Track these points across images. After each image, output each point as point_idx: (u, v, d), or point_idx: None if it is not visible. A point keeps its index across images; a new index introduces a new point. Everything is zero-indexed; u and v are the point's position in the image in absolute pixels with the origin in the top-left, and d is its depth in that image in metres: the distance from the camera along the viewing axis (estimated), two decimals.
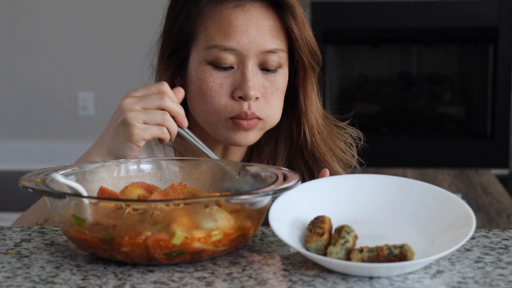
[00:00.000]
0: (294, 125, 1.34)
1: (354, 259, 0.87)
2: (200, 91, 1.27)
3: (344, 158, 1.36)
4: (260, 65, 1.26)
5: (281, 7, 1.26)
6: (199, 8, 1.27)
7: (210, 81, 1.26)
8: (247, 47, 1.24)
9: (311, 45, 1.30)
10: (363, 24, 4.41)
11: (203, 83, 1.26)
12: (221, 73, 1.26)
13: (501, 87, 4.45)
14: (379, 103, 4.76)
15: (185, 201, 0.91)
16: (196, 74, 1.27)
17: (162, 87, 1.18)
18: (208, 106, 1.27)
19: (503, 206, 3.06)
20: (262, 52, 1.25)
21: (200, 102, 1.27)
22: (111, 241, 0.90)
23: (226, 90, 1.25)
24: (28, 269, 0.91)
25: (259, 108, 1.26)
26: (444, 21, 4.41)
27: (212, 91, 1.25)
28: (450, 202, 0.99)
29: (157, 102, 1.16)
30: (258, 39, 1.25)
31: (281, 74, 1.28)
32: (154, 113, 1.16)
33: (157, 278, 0.88)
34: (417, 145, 4.55)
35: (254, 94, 1.24)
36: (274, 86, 1.27)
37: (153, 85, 1.19)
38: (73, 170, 1.04)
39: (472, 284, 0.86)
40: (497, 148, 4.49)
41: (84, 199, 0.91)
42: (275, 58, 1.26)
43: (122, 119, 1.15)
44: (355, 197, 1.02)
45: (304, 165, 1.34)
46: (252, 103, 1.25)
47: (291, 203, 0.98)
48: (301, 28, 1.28)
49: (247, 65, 1.25)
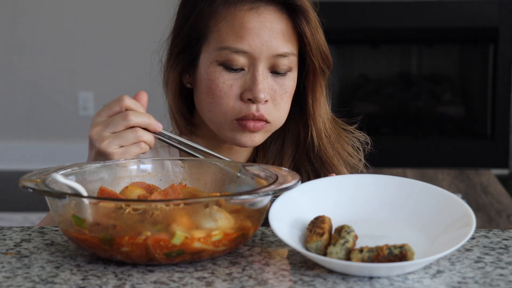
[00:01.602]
0: (301, 127, 1.34)
1: (354, 259, 0.87)
2: (209, 91, 1.27)
3: (351, 162, 1.36)
4: (270, 68, 1.26)
5: (294, 11, 1.26)
6: (212, 8, 1.27)
7: (220, 82, 1.25)
8: (259, 50, 1.24)
9: (323, 49, 1.30)
10: (363, 24, 4.41)
11: (212, 83, 1.26)
12: (231, 74, 1.25)
13: (501, 87, 4.45)
14: (379, 103, 4.75)
15: (185, 201, 0.91)
16: (206, 74, 1.27)
17: (123, 103, 1.13)
18: (216, 106, 1.26)
19: (503, 206, 3.06)
20: (273, 55, 1.25)
21: (208, 102, 1.27)
22: (111, 241, 0.90)
23: (235, 92, 1.25)
24: (28, 269, 0.91)
25: (267, 111, 1.26)
26: (444, 21, 4.41)
27: (222, 92, 1.25)
28: (450, 202, 0.99)
29: (123, 123, 1.12)
30: (270, 42, 1.25)
31: (291, 77, 1.28)
32: (125, 134, 1.12)
33: (157, 278, 0.88)
34: (417, 145, 4.55)
35: (263, 97, 1.24)
36: (283, 89, 1.27)
37: (114, 103, 1.14)
38: (73, 170, 1.04)
39: (472, 284, 0.86)
40: (497, 148, 4.49)
41: (84, 199, 0.91)
42: (285, 61, 1.26)
43: (97, 151, 1.12)
44: (355, 197, 1.02)
45: (310, 168, 1.34)
46: (261, 105, 1.25)
47: (291, 203, 0.99)
48: (314, 33, 1.28)
49: (258, 68, 1.25)
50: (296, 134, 1.35)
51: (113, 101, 1.14)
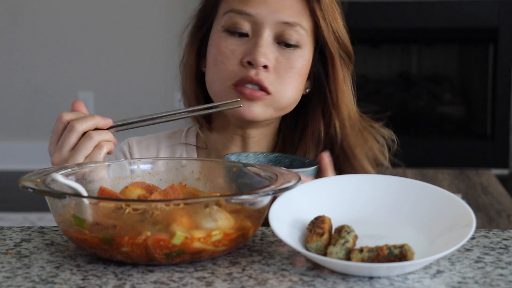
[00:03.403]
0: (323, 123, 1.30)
1: (354, 259, 0.87)
2: (213, 59, 1.24)
3: (377, 159, 1.33)
4: (277, 38, 1.23)
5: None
6: None
7: (222, 47, 1.23)
8: (263, 14, 1.22)
9: (339, 34, 1.28)
10: (363, 24, 4.41)
11: (216, 49, 1.24)
12: (235, 39, 1.23)
13: (501, 87, 4.45)
14: (379, 103, 4.76)
15: (185, 201, 0.91)
16: (212, 42, 1.25)
17: (63, 119, 1.10)
18: (218, 72, 1.24)
19: (503, 206, 3.06)
20: (279, 22, 1.22)
21: (212, 71, 1.25)
22: (111, 241, 0.90)
23: (237, 57, 1.23)
24: (28, 269, 0.91)
25: (268, 79, 1.22)
26: (444, 21, 4.41)
27: (223, 57, 1.23)
28: (450, 202, 0.98)
29: (72, 135, 1.09)
30: (276, 8, 1.22)
31: (300, 54, 1.25)
32: (81, 144, 1.09)
33: (157, 278, 0.88)
34: (417, 145, 4.55)
35: (263, 61, 1.21)
36: (289, 63, 1.24)
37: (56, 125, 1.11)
38: (73, 170, 1.04)
39: (472, 284, 0.86)
40: (497, 148, 4.49)
41: (84, 199, 0.91)
42: (293, 33, 1.23)
43: None
44: (355, 197, 1.02)
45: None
46: (261, 72, 1.21)
47: (291, 203, 0.98)
48: (326, 14, 1.25)
49: (262, 33, 1.22)
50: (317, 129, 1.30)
51: (55, 125, 1.11)
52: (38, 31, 4.68)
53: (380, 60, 4.77)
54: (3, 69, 4.73)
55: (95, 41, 4.68)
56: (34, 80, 4.72)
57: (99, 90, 4.70)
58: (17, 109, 4.77)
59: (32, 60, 4.70)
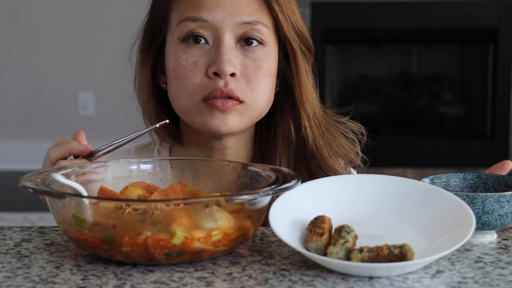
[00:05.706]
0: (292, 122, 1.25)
1: (354, 259, 0.87)
2: (174, 74, 1.17)
3: (344, 155, 1.27)
4: (238, 40, 1.17)
5: None
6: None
7: (183, 60, 1.16)
8: (220, 18, 1.16)
9: (299, 28, 1.22)
10: (363, 24, 4.41)
11: (176, 63, 1.17)
12: (195, 50, 1.17)
13: (501, 87, 4.45)
14: (379, 103, 4.76)
15: (185, 201, 0.91)
16: (170, 56, 1.18)
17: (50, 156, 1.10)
18: (182, 88, 1.17)
19: None
20: (238, 23, 1.17)
21: (175, 87, 1.18)
22: (111, 241, 0.90)
23: (200, 69, 1.16)
24: (28, 269, 0.91)
25: (238, 88, 1.16)
26: (444, 21, 4.41)
27: (186, 71, 1.16)
28: (450, 202, 0.99)
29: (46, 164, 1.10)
30: (233, 9, 1.16)
31: (264, 52, 1.19)
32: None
33: (157, 278, 0.88)
34: (417, 145, 4.55)
35: (229, 69, 1.14)
36: (256, 65, 1.18)
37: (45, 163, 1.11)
38: (73, 170, 1.04)
39: (472, 284, 0.86)
40: (497, 148, 4.49)
41: (84, 199, 0.91)
42: (255, 32, 1.17)
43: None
44: (355, 197, 1.02)
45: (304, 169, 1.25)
46: (230, 81, 1.15)
47: (291, 203, 0.98)
48: (284, 8, 1.20)
49: (222, 39, 1.16)
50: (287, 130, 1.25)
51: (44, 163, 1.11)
52: (38, 31, 4.68)
53: (380, 60, 4.77)
54: (3, 69, 4.73)
55: (95, 41, 4.68)
56: (34, 80, 4.73)
57: (99, 90, 4.70)
58: (17, 109, 4.77)
59: (32, 60, 4.70)
